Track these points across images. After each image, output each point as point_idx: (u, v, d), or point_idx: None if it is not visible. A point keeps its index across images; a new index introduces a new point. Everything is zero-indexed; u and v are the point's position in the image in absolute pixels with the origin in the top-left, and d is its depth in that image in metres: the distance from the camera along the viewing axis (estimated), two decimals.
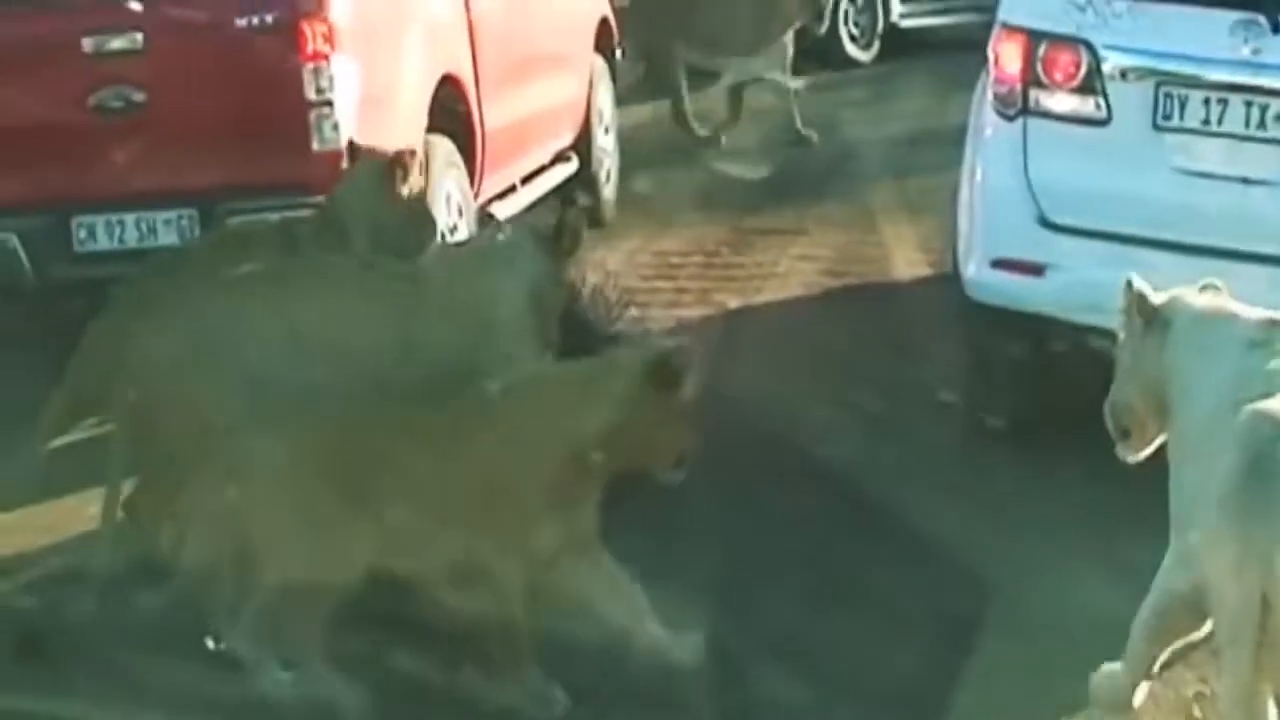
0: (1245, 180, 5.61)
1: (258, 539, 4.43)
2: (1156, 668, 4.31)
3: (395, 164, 5.63)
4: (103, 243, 6.53)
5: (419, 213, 5.75)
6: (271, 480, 4.44)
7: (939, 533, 5.53)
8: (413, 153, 5.73)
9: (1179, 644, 4.24)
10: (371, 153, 5.82)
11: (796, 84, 11.73)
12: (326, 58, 6.36)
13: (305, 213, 6.03)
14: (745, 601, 5.06)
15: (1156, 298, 4.26)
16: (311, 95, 6.38)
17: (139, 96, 6.45)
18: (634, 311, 7.25)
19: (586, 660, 4.66)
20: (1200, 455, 3.92)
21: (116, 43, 6.44)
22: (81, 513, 5.63)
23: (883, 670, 4.79)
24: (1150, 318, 4.24)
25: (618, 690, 4.58)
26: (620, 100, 10.60)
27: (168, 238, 6.44)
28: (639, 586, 4.55)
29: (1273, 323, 4.07)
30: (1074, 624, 4.89)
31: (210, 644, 4.66)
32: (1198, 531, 3.83)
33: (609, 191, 10.04)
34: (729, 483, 5.62)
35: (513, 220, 5.89)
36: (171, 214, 6.47)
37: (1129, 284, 4.30)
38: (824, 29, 11.52)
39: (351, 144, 5.93)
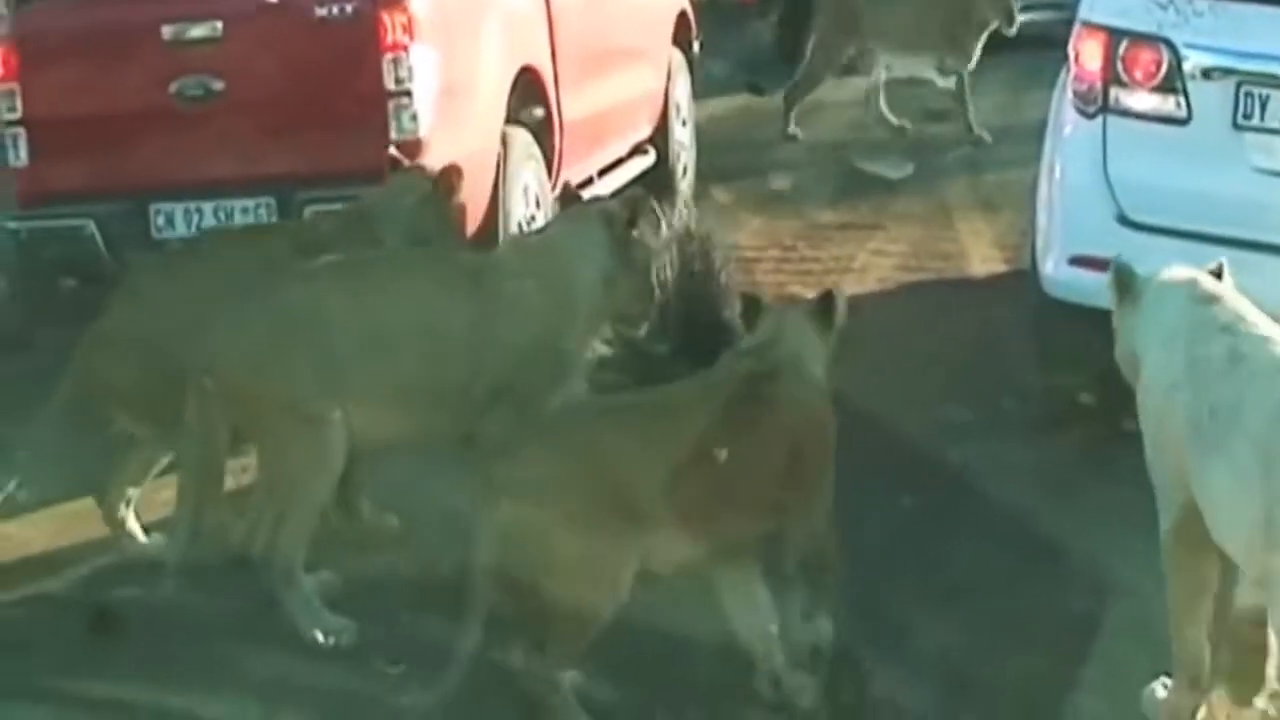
0: None
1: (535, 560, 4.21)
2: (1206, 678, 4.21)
3: (441, 180, 5.65)
4: (180, 230, 6.58)
5: (450, 231, 5.77)
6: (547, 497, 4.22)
7: (1061, 535, 5.45)
8: (459, 172, 5.70)
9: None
10: (415, 169, 5.84)
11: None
12: (405, 48, 6.39)
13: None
14: (865, 600, 5.01)
15: (1137, 273, 4.36)
16: (390, 85, 6.42)
17: (218, 85, 6.50)
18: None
19: (701, 657, 4.68)
20: (1161, 407, 4.13)
21: (196, 31, 6.50)
22: (152, 500, 5.69)
23: (1003, 672, 4.74)
24: (1126, 291, 4.34)
25: (729, 689, 4.57)
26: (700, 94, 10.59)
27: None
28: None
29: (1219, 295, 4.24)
30: None
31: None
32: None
33: (685, 185, 10.03)
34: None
35: (590, 201, 5.83)
36: (250, 202, 6.52)
37: (1114, 261, 4.41)
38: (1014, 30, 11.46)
39: (391, 158, 5.87)
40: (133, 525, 5.48)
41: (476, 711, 4.33)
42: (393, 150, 5.91)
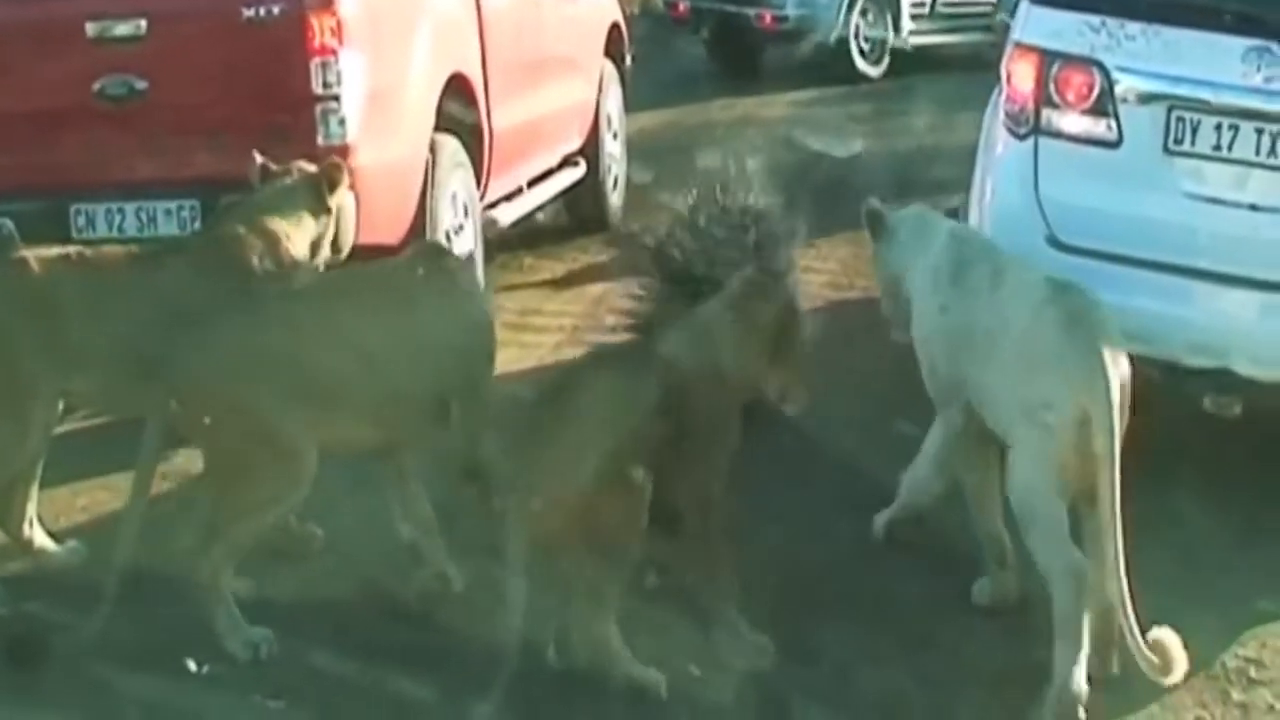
0: (1254, 207, 5.58)
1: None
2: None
3: (324, 176, 5.57)
4: (101, 231, 6.45)
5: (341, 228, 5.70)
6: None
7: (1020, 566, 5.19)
8: (340, 167, 5.61)
9: None
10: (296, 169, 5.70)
11: None
12: (334, 52, 6.31)
13: None
14: (803, 641, 4.91)
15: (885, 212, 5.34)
16: (318, 89, 6.33)
17: (141, 84, 6.39)
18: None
19: (614, 701, 4.58)
20: (935, 327, 5.06)
21: (120, 29, 6.38)
22: (73, 503, 5.59)
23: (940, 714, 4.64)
24: (879, 228, 5.35)
25: None
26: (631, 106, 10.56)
27: (168, 228, 6.39)
28: None
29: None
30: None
31: (192, 665, 4.67)
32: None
33: (616, 197, 10.00)
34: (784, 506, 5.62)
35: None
36: (173, 204, 6.41)
37: (867, 205, 5.38)
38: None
39: (264, 166, 5.69)
40: (41, 539, 5.34)
41: None
42: (258, 157, 5.72)
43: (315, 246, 5.57)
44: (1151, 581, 4.73)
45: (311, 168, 5.63)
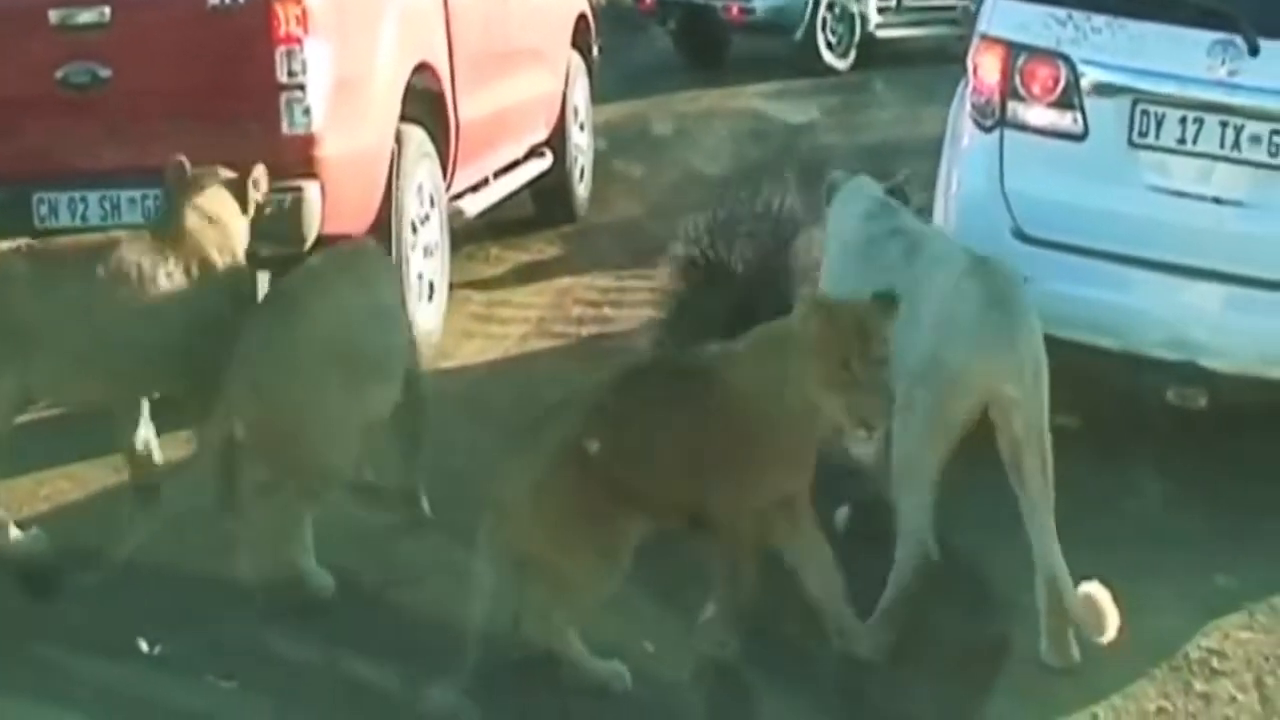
0: (1218, 200, 5.60)
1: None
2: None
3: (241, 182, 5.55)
4: (64, 219, 6.40)
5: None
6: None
7: (976, 551, 5.22)
8: (181, 165, 5.55)
9: None
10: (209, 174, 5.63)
11: None
12: (299, 41, 6.27)
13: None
14: (758, 618, 4.92)
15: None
16: (283, 78, 6.30)
17: (105, 72, 6.35)
18: None
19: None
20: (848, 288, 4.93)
21: (84, 16, 6.33)
22: (36, 493, 5.57)
23: (909, 703, 4.62)
24: (830, 198, 5.46)
25: (610, 716, 4.49)
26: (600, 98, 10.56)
27: (132, 216, 6.33)
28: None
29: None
30: (1137, 646, 4.75)
31: (144, 646, 4.64)
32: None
33: (582, 189, 9.99)
34: None
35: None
36: (136, 193, 6.37)
37: (829, 176, 5.55)
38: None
39: (180, 164, 5.60)
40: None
41: None
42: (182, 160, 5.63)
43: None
44: (1110, 555, 4.86)
45: (231, 173, 5.58)
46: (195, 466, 4.98)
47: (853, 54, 15.69)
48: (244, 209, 5.52)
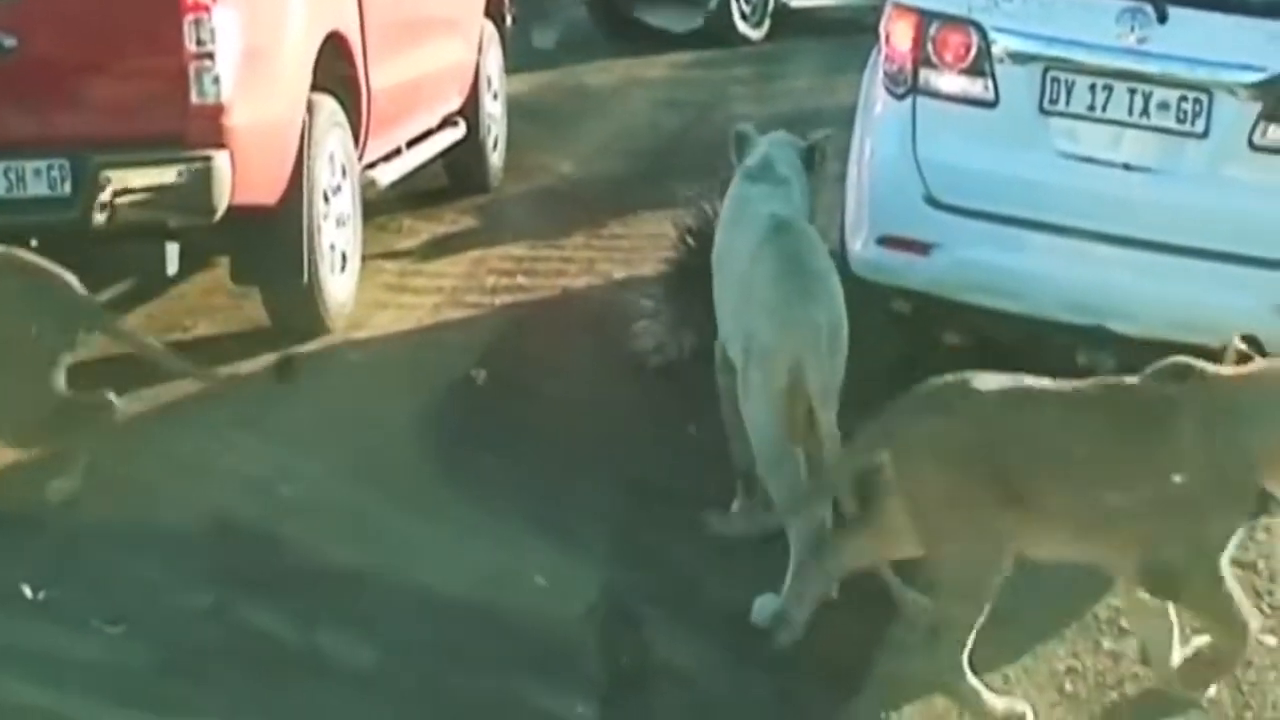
0: (1127, 166, 5.66)
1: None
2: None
3: None
4: None
5: None
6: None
7: None
8: None
9: None
10: None
11: None
12: (208, 9, 6.19)
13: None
14: (650, 552, 4.98)
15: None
16: (192, 47, 6.21)
17: (9, 41, 6.23)
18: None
19: (469, 622, 4.61)
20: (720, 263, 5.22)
21: None
22: None
23: (803, 634, 4.66)
24: (737, 144, 5.46)
25: (505, 654, 4.51)
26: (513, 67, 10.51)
27: (37, 188, 6.24)
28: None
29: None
30: (1046, 606, 4.86)
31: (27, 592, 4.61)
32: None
33: (495, 158, 9.94)
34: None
35: None
36: (42, 164, 6.26)
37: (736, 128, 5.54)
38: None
39: None
40: None
41: None
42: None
43: None
44: None
45: None
46: None
47: (767, 24, 15.64)
48: None
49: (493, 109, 9.92)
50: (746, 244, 4.96)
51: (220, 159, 6.19)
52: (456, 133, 9.19)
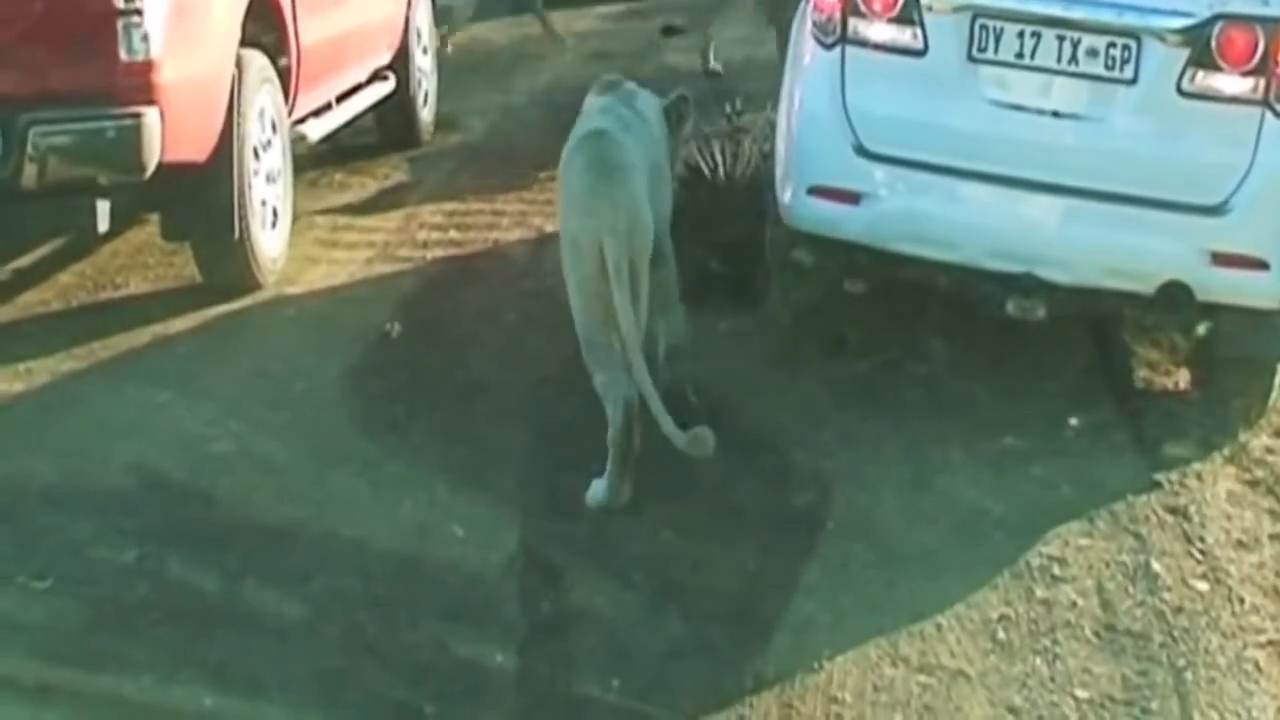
0: (1056, 114, 5.68)
1: None
2: None
3: None
4: None
5: None
6: None
7: (779, 427, 5.65)
8: None
9: None
10: None
11: None
12: None
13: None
14: (563, 502, 5.02)
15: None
16: (120, 3, 6.15)
17: None
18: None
19: (393, 574, 4.64)
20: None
21: None
22: None
23: (715, 576, 4.72)
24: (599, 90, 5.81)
25: (427, 604, 4.54)
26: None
27: None
28: None
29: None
30: (978, 554, 4.94)
31: None
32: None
33: (426, 113, 9.91)
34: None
35: None
36: None
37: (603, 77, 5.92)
38: None
39: None
40: None
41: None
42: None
43: None
44: (898, 422, 5.39)
45: None
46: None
47: None
48: None
49: (423, 63, 9.89)
50: (567, 153, 5.37)
51: (150, 116, 6.15)
52: (386, 86, 9.16)
